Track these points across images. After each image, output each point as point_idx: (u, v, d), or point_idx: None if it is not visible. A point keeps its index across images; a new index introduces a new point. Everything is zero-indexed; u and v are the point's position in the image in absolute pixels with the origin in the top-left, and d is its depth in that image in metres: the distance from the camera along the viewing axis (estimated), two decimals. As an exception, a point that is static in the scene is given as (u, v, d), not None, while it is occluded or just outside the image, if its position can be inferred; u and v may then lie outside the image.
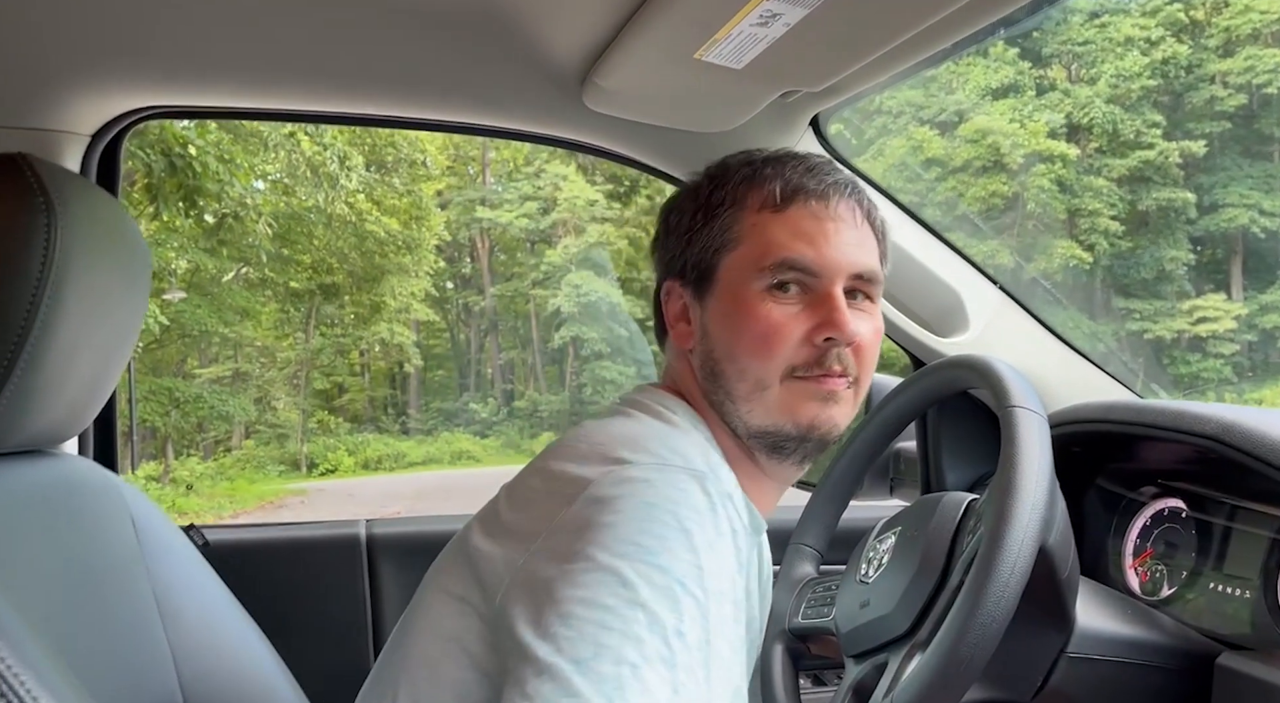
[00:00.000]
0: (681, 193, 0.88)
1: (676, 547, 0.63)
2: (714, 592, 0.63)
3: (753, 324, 0.79)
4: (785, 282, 0.79)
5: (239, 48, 1.04)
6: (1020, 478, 0.74)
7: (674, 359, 0.88)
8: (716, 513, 0.67)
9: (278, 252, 14.40)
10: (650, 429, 0.76)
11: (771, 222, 0.80)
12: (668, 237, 0.87)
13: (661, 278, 0.88)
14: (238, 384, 17.27)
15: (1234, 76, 21.04)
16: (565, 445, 0.75)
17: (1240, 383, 19.58)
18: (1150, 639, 0.94)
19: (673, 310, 0.86)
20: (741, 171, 0.83)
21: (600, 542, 0.62)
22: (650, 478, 0.67)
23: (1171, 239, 21.11)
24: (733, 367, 0.80)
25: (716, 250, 0.81)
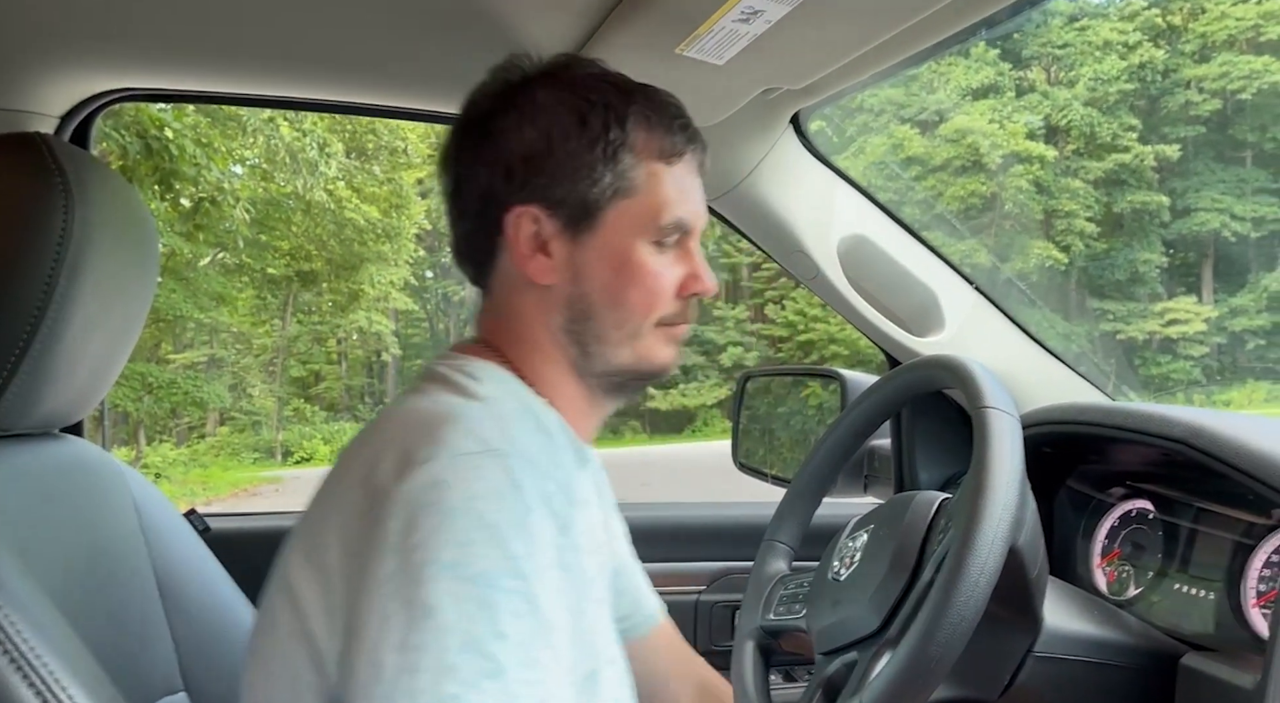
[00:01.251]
0: (547, 107, 0.78)
1: (482, 547, 0.62)
2: (534, 572, 0.63)
3: (642, 277, 0.79)
4: (667, 238, 0.80)
5: (214, 31, 1.03)
6: (992, 478, 0.74)
7: (513, 293, 0.81)
8: (521, 489, 0.66)
9: (255, 237, 14.24)
10: (446, 410, 0.71)
11: (664, 176, 0.79)
12: (537, 158, 0.77)
13: (508, 198, 0.78)
14: (213, 370, 17.10)
15: (1209, 82, 21.33)
16: (364, 444, 0.72)
17: (1209, 385, 19.89)
18: (1116, 639, 0.95)
19: (525, 237, 0.78)
20: (635, 110, 0.79)
21: (403, 571, 0.61)
22: (444, 478, 0.64)
23: (1145, 241, 21.40)
24: (612, 313, 0.79)
25: (612, 194, 0.77)
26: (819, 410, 1.55)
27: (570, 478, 0.78)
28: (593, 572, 0.77)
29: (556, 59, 0.82)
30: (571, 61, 0.82)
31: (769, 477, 1.54)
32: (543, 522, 0.66)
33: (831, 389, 1.48)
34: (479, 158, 0.80)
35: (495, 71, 0.82)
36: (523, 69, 0.81)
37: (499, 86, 0.81)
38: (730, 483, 1.99)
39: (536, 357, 0.81)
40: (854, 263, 1.32)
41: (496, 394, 0.75)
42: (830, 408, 1.49)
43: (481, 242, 0.81)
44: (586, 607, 0.72)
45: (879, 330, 1.35)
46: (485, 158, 0.79)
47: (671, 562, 1.53)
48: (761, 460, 1.60)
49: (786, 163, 1.26)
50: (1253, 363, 20.08)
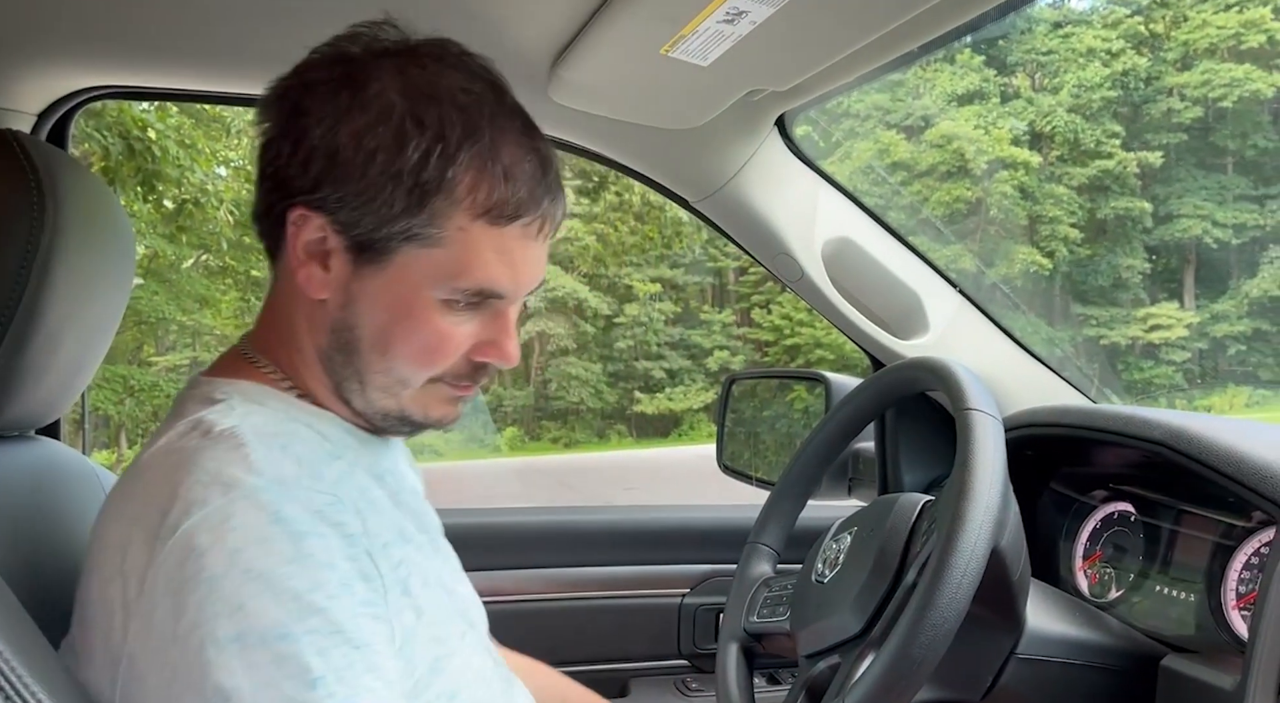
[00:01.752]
0: (372, 108, 0.66)
1: (259, 603, 0.56)
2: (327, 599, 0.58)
3: (421, 333, 0.69)
4: (468, 302, 0.69)
5: (194, 28, 1.02)
6: (974, 480, 0.75)
7: (289, 294, 0.72)
8: (285, 519, 0.60)
9: (239, 239, 14.14)
10: (186, 458, 0.62)
11: (483, 236, 0.67)
12: (338, 165, 0.66)
13: (297, 192, 0.67)
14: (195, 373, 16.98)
15: (1191, 89, 21.56)
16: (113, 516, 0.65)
17: (1190, 389, 20.08)
18: (1097, 641, 0.95)
19: (304, 243, 0.68)
20: (477, 150, 0.66)
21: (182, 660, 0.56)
22: (198, 544, 0.57)
23: (1128, 247, 21.60)
24: (378, 359, 0.70)
25: (406, 237, 0.66)
26: (804, 414, 1.55)
27: (352, 476, 0.70)
28: (414, 561, 0.70)
29: (419, 45, 0.70)
30: (433, 55, 0.69)
31: (754, 479, 1.53)
32: (323, 542, 0.60)
33: (816, 392, 1.48)
34: (286, 129, 0.68)
35: (341, 37, 0.71)
36: (376, 43, 0.70)
37: (335, 54, 0.69)
38: (715, 486, 1.98)
39: (304, 368, 0.73)
40: (839, 266, 1.32)
41: (243, 417, 0.66)
42: (815, 411, 1.49)
43: (266, 222, 0.72)
44: (414, 601, 0.67)
45: (863, 333, 1.35)
46: (291, 132, 0.68)
47: (655, 565, 1.53)
48: (746, 463, 1.60)
49: (771, 165, 1.26)
50: (1233, 368, 20.29)
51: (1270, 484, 0.87)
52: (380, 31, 0.71)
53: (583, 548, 1.52)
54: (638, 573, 1.52)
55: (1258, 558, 0.95)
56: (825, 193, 1.30)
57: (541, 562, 1.48)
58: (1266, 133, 21.45)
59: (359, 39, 0.70)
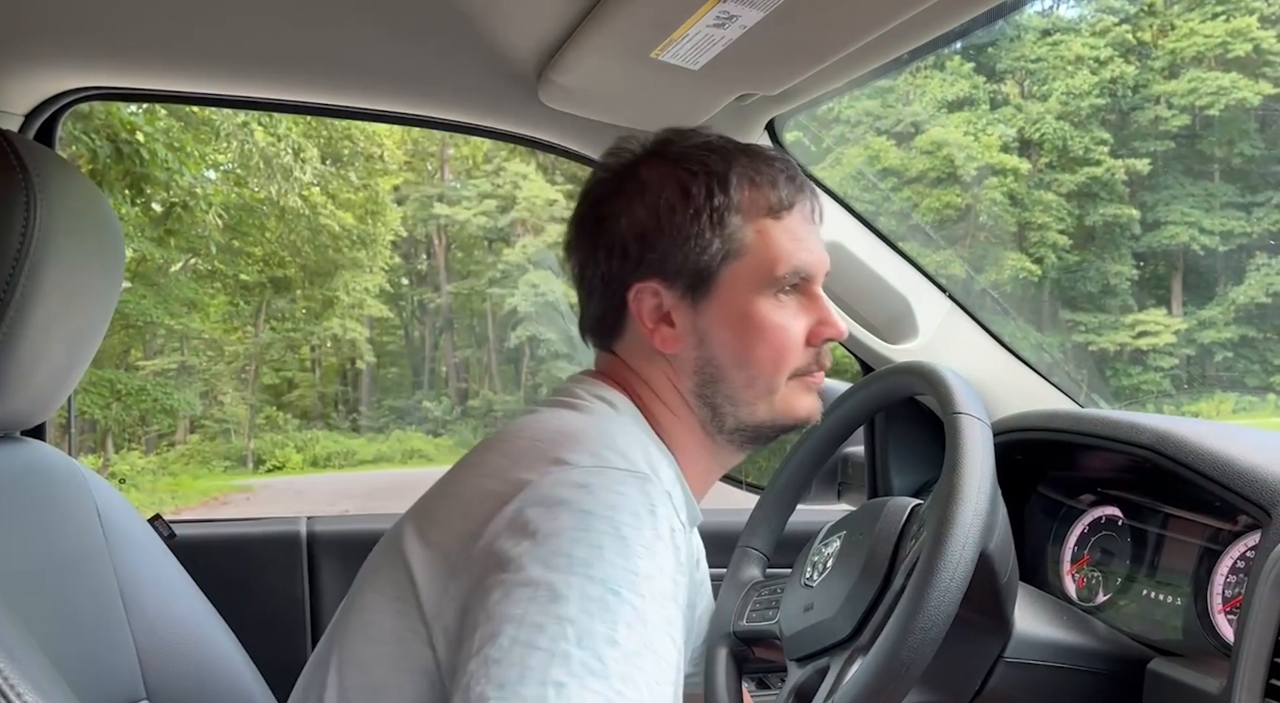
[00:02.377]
0: (652, 184, 0.82)
1: (612, 555, 0.62)
2: (652, 595, 0.63)
3: (768, 334, 0.81)
4: (787, 288, 0.82)
5: (183, 29, 1.01)
6: (963, 484, 0.75)
7: (641, 360, 0.85)
8: (656, 516, 0.67)
9: (228, 243, 14.10)
10: (591, 425, 0.75)
11: (774, 229, 0.81)
12: (648, 235, 0.81)
13: (627, 277, 0.82)
14: (183, 377, 16.88)
15: (1178, 98, 21.71)
16: (503, 441, 0.74)
17: (1178, 396, 20.18)
18: (1085, 645, 0.95)
19: (647, 311, 0.82)
20: (738, 172, 0.82)
21: (534, 553, 0.62)
22: (589, 483, 0.66)
23: (1116, 254, 21.71)
24: (743, 373, 0.81)
25: (723, 259, 0.80)
26: (794, 418, 1.55)
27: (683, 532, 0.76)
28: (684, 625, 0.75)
29: (660, 135, 0.85)
30: (674, 136, 0.85)
31: (743, 484, 1.53)
32: (667, 553, 0.66)
33: (806, 397, 1.48)
34: (596, 243, 0.83)
35: (605, 156, 0.86)
36: (631, 151, 0.85)
37: (607, 173, 0.84)
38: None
39: (666, 416, 0.84)
40: (829, 270, 1.32)
41: (630, 422, 0.79)
42: (805, 416, 1.49)
43: (610, 319, 0.85)
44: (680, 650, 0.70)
45: (853, 337, 1.36)
46: (601, 243, 0.83)
47: None
48: (736, 469, 1.60)
49: (761, 170, 1.26)
50: (1220, 374, 20.41)
51: (1256, 488, 0.87)
52: (629, 144, 0.86)
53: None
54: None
55: (1244, 562, 0.95)
56: (815, 197, 1.30)
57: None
58: (1253, 141, 21.61)
59: (619, 153, 0.85)
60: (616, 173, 0.84)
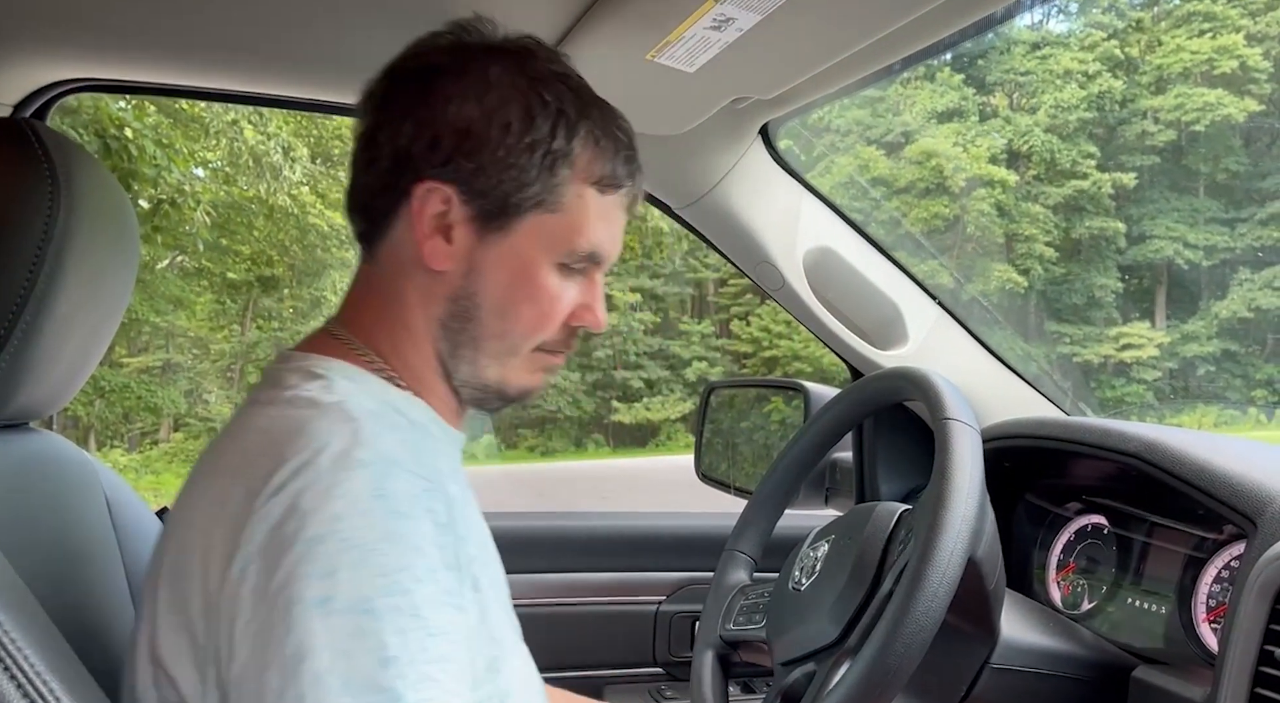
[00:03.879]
0: (499, 88, 0.71)
1: (351, 572, 0.57)
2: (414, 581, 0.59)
3: (539, 295, 0.74)
4: (577, 263, 0.75)
5: (178, 21, 1.01)
6: (952, 490, 0.75)
7: (398, 269, 0.74)
8: (387, 496, 0.61)
9: (216, 241, 14.01)
10: (293, 424, 0.65)
11: (594, 203, 0.74)
12: (471, 138, 0.71)
13: (424, 168, 0.71)
14: (168, 375, 16.76)
15: (1165, 113, 21.92)
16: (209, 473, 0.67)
17: (1161, 408, 20.34)
18: (1070, 652, 0.96)
19: (429, 214, 0.72)
20: (587, 126, 0.73)
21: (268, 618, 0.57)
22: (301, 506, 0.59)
23: (1102, 267, 21.88)
24: (497, 323, 0.74)
25: (535, 204, 0.72)
26: (781, 425, 1.55)
27: (446, 470, 0.72)
28: (482, 560, 0.73)
29: (522, 39, 0.76)
30: (537, 48, 0.76)
31: (732, 488, 1.53)
32: (417, 525, 0.62)
33: (794, 404, 1.49)
34: (409, 112, 0.72)
35: (453, 26, 0.76)
36: (483, 35, 0.75)
37: (454, 44, 0.75)
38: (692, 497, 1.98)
39: (408, 344, 0.75)
40: (820, 275, 1.33)
41: (348, 394, 0.68)
42: (792, 423, 1.50)
43: (382, 201, 0.74)
44: (481, 598, 0.69)
45: (843, 342, 1.36)
46: (416, 115, 0.72)
47: (632, 571, 1.53)
48: (725, 473, 1.60)
49: (755, 174, 1.26)
50: (1203, 387, 20.59)
51: (1241, 498, 0.88)
52: (483, 26, 0.76)
53: (559, 554, 1.52)
54: (614, 580, 1.51)
55: (1228, 571, 0.96)
56: (807, 203, 1.30)
57: (517, 568, 1.47)
58: (1238, 157, 21.85)
59: (471, 31, 0.76)
60: (467, 49, 0.74)
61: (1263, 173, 21.93)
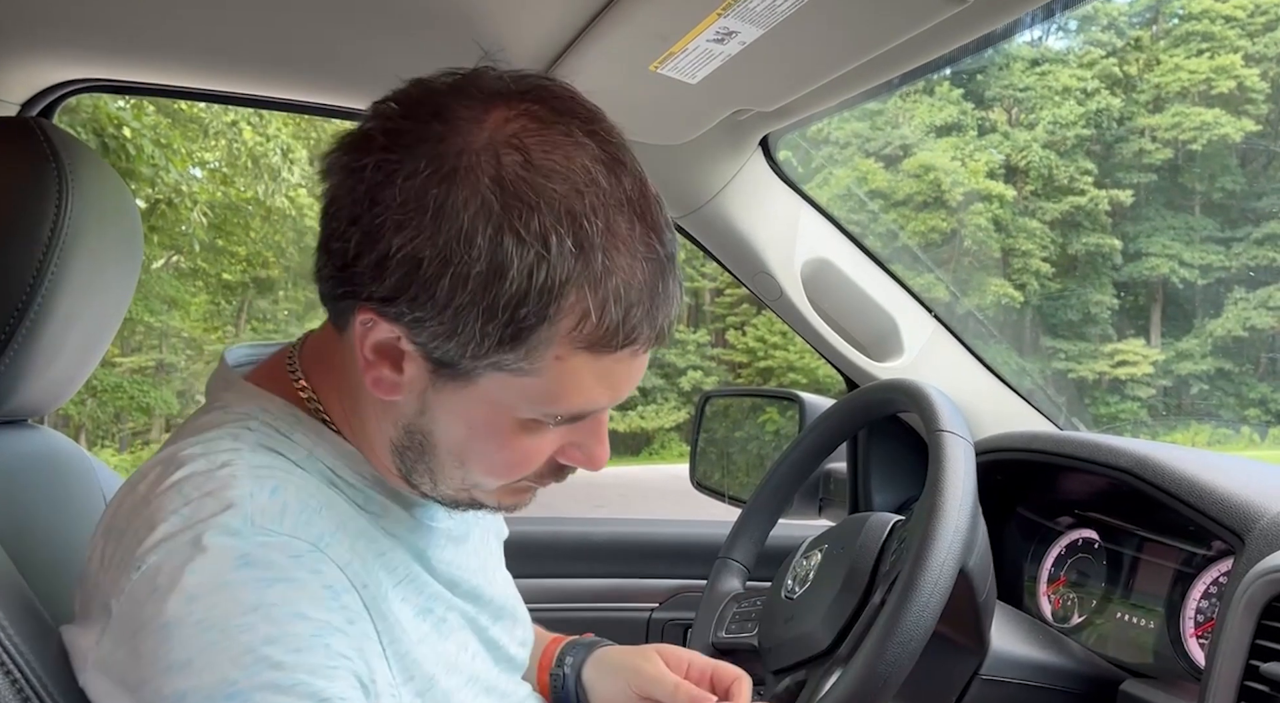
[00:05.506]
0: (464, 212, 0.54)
1: (211, 657, 0.51)
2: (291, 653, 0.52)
3: (504, 452, 0.62)
4: (559, 419, 0.62)
5: (183, 23, 1.01)
6: (945, 501, 0.75)
7: (350, 369, 0.63)
8: (256, 563, 0.54)
9: (212, 242, 14.00)
10: (172, 481, 0.58)
11: (583, 366, 0.58)
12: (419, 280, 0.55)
13: (365, 292, 0.57)
14: (161, 376, 16.72)
15: (1162, 131, 22.04)
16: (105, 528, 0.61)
17: (1155, 425, 20.39)
18: (1059, 665, 0.96)
19: (371, 344, 0.60)
20: (578, 269, 0.55)
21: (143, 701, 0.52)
22: (159, 584, 0.53)
23: (1098, 283, 21.96)
24: (455, 468, 0.63)
25: (493, 367, 0.58)
26: (775, 435, 1.56)
27: (357, 529, 0.63)
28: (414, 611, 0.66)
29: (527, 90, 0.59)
30: (541, 108, 0.58)
31: (726, 497, 1.54)
32: (289, 590, 0.54)
33: (789, 414, 1.49)
34: (356, 215, 0.57)
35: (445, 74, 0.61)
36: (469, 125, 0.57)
37: (423, 111, 0.58)
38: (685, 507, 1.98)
39: (365, 436, 0.66)
40: (817, 287, 1.34)
41: (252, 446, 0.61)
42: (786, 433, 1.50)
43: (330, 302, 0.62)
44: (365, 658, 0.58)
45: (839, 353, 1.37)
46: (362, 222, 0.57)
47: (625, 578, 1.53)
48: (719, 481, 1.61)
49: (754, 185, 1.27)
50: (1197, 405, 20.64)
51: (1230, 514, 0.89)
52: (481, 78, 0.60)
53: (551, 560, 1.52)
54: (607, 586, 1.51)
55: (1216, 587, 0.97)
56: (806, 214, 1.31)
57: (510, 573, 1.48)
58: (1234, 176, 21.96)
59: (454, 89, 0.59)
60: (437, 137, 0.56)
61: (1258, 193, 22.05)
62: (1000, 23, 0.88)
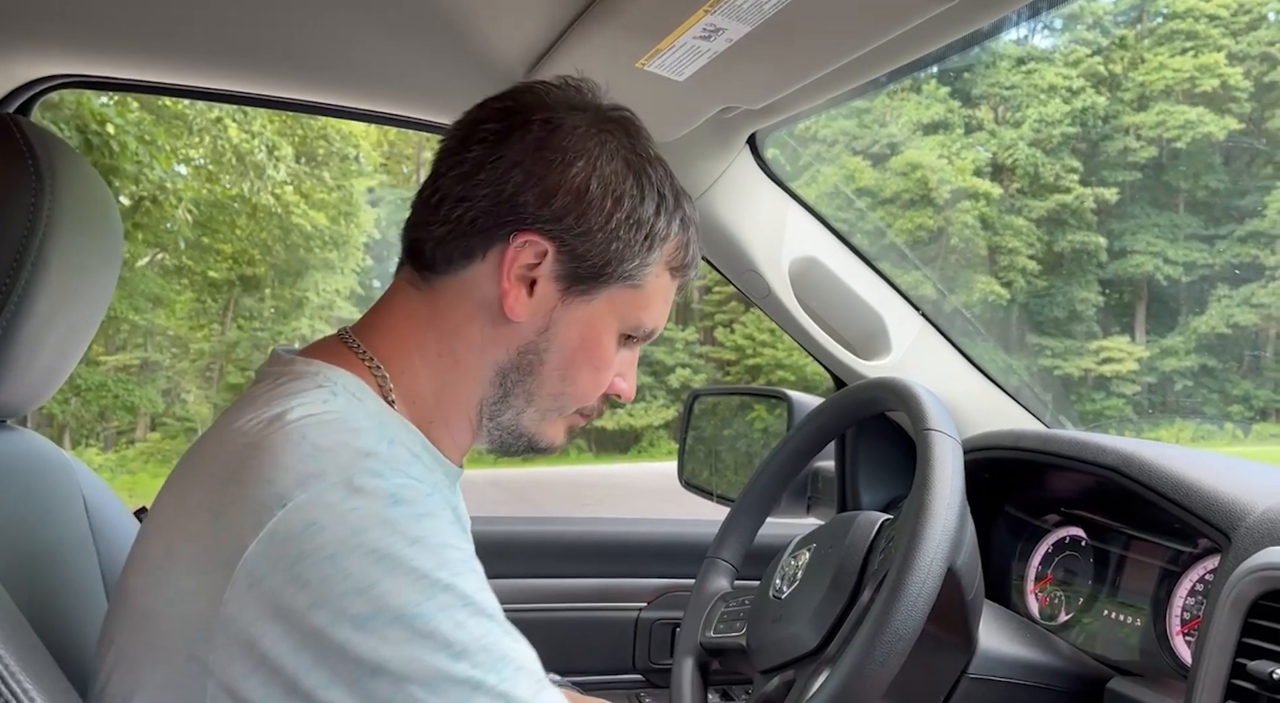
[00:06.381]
0: (619, 160, 0.73)
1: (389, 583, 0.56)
2: (452, 576, 0.58)
3: (600, 362, 0.76)
4: (631, 338, 0.78)
5: (165, 19, 1.00)
6: (933, 500, 0.75)
7: (464, 307, 0.73)
8: (404, 502, 0.59)
9: (197, 239, 13.92)
10: (294, 430, 0.62)
11: (665, 286, 0.78)
12: (583, 202, 0.71)
13: (528, 219, 0.71)
14: (146, 374, 16.60)
15: (1146, 130, 22.19)
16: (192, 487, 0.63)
17: (1140, 422, 20.54)
18: (1046, 663, 0.96)
19: (519, 266, 0.72)
20: (680, 212, 0.77)
21: (310, 637, 0.55)
22: (317, 519, 0.57)
23: (1083, 281, 22.09)
24: (556, 382, 0.75)
25: (624, 278, 0.74)
26: (763, 433, 1.56)
27: (447, 496, 0.72)
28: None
29: (625, 112, 0.78)
30: (642, 126, 0.79)
31: (714, 496, 1.54)
32: (438, 523, 0.60)
33: (777, 412, 1.49)
34: (521, 160, 0.71)
35: (562, 82, 0.77)
36: (595, 98, 0.77)
37: (569, 102, 0.75)
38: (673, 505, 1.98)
39: (448, 379, 0.74)
40: (804, 284, 1.34)
41: (349, 407, 0.66)
42: (775, 431, 1.50)
43: (466, 238, 0.72)
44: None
45: (826, 352, 1.37)
46: (529, 164, 0.71)
47: (613, 578, 1.52)
48: (707, 480, 1.60)
49: (742, 183, 1.27)
50: (1181, 402, 20.81)
51: (1216, 512, 0.89)
52: (591, 88, 0.78)
53: (539, 559, 1.51)
54: (595, 586, 1.51)
55: (1202, 585, 0.97)
56: (794, 212, 1.31)
57: (496, 572, 1.46)
58: (1218, 174, 22.13)
59: (580, 91, 0.77)
60: (583, 113, 0.74)
61: (1242, 191, 22.23)
62: (986, 20, 0.88)
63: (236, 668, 0.56)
